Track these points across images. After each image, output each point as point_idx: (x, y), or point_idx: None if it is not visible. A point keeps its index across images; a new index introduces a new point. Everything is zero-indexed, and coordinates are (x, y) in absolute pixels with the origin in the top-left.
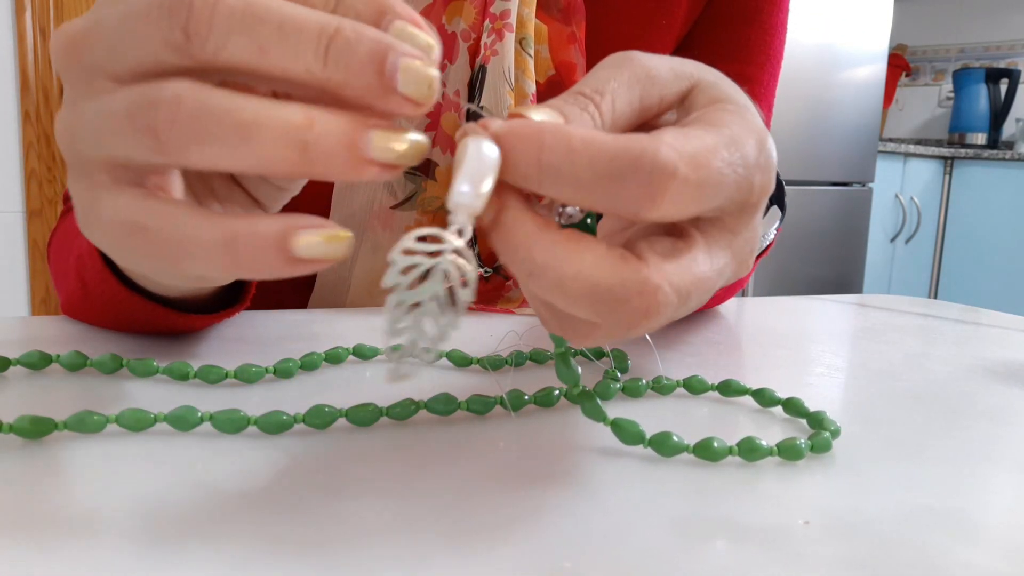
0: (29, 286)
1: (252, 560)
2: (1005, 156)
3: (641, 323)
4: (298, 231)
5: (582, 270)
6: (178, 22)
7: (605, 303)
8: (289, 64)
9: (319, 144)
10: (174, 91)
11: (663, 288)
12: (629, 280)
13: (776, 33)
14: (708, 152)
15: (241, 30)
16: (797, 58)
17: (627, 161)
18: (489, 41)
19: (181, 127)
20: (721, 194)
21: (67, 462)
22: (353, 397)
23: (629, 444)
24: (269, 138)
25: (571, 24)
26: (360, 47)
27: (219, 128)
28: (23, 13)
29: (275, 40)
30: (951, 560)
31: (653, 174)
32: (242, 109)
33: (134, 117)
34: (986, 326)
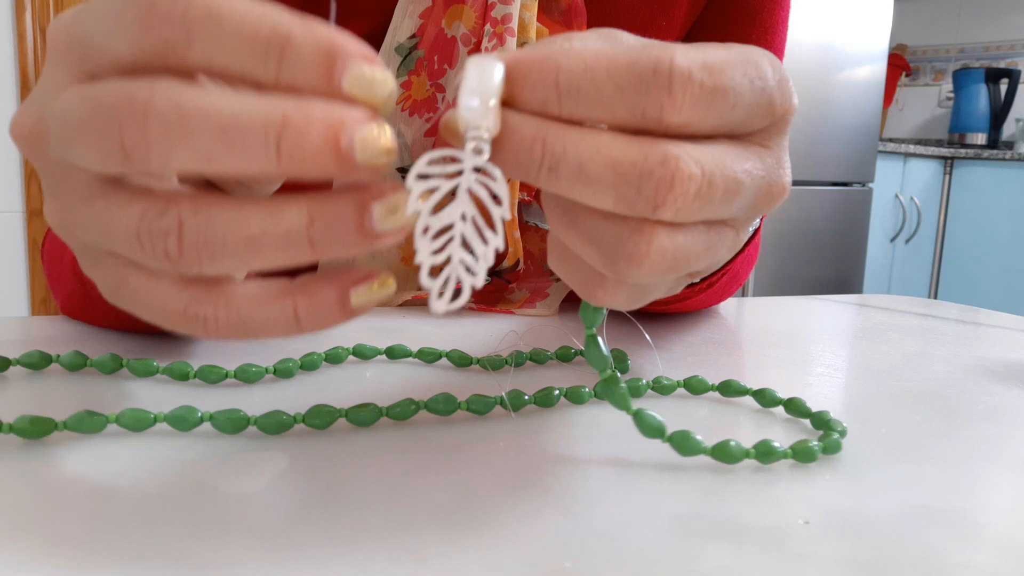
0: (29, 286)
1: (252, 560)
2: (1005, 156)
3: (667, 198)
4: (354, 289)
5: (600, 148)
6: (113, 140)
7: (629, 179)
8: (241, 166)
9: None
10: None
11: (683, 156)
12: (650, 151)
13: (777, 32)
14: (722, 62)
15: (180, 141)
16: (797, 58)
17: (645, 66)
18: (490, 46)
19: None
20: (739, 105)
21: (67, 462)
22: (353, 397)
23: (648, 436)
24: (277, 244)
25: (572, 27)
26: (311, 135)
27: (227, 246)
28: (23, 13)
29: (220, 147)
30: (951, 560)
31: (673, 77)
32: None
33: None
34: (986, 326)
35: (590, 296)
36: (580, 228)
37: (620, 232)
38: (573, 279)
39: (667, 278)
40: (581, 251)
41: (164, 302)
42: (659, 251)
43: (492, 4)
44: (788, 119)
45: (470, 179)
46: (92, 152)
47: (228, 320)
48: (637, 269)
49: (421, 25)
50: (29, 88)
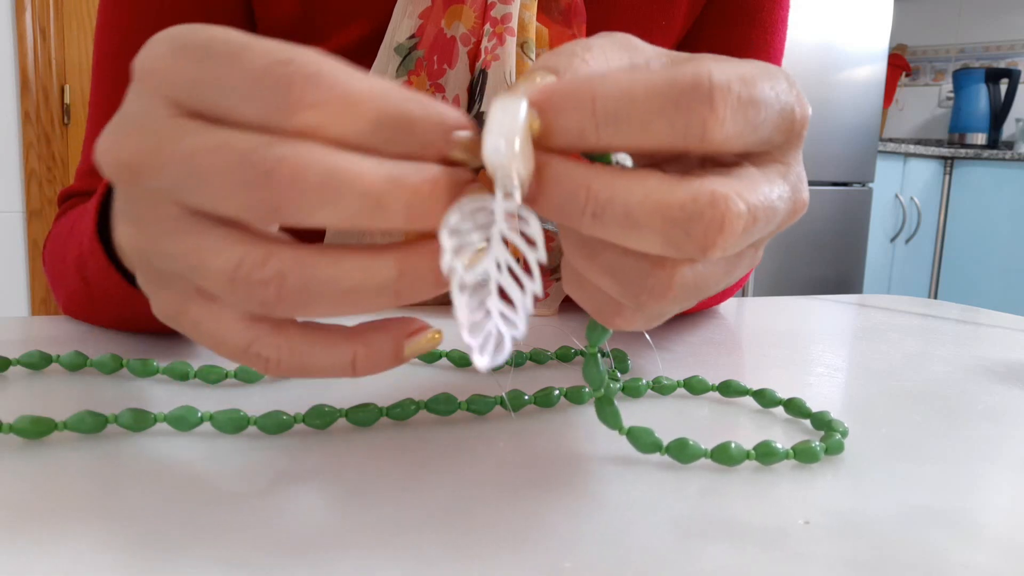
0: (29, 286)
1: (252, 560)
2: (1005, 156)
3: (717, 240)
4: (408, 341)
5: (649, 193)
6: (266, 198)
7: (677, 223)
8: (378, 225)
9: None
10: (278, 269)
11: (732, 197)
12: (699, 192)
13: (776, 31)
14: (751, 75)
15: (330, 203)
16: (797, 58)
17: (685, 83)
18: (490, 45)
19: (288, 300)
20: (769, 119)
21: (67, 462)
22: (353, 397)
23: (645, 452)
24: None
25: (572, 26)
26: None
27: (323, 298)
28: (23, 13)
29: (363, 209)
30: (951, 560)
31: (714, 90)
32: (343, 278)
33: (239, 285)
34: (986, 326)
35: (607, 322)
36: (600, 261)
37: (642, 267)
38: (590, 305)
39: (686, 306)
40: (600, 283)
41: (227, 336)
42: (682, 285)
43: (491, 4)
44: (804, 133)
45: (502, 226)
46: (234, 203)
47: (289, 363)
48: (659, 302)
49: (420, 25)
50: (29, 88)
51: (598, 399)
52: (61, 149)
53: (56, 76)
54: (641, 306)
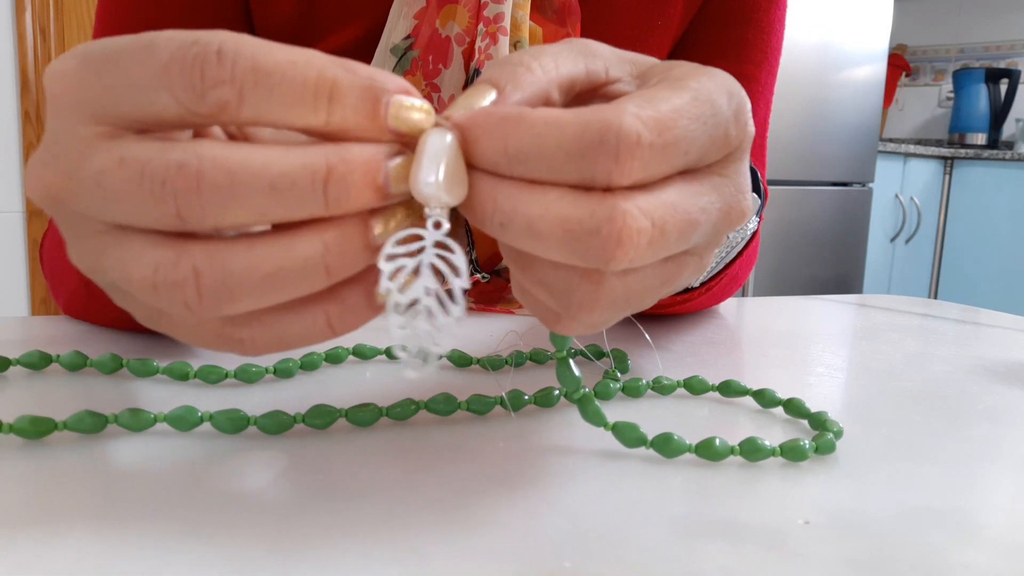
0: (29, 286)
1: (252, 560)
2: (1005, 156)
3: (616, 253)
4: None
5: (549, 207)
6: (169, 210)
7: (577, 238)
8: (293, 214)
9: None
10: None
11: (632, 211)
12: (597, 209)
13: (773, 31)
14: (673, 113)
15: (235, 204)
16: (797, 58)
17: (593, 135)
18: (484, 45)
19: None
20: (693, 149)
21: (67, 462)
22: (353, 397)
23: (631, 447)
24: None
25: (566, 25)
26: (354, 176)
27: (244, 287)
28: (23, 13)
29: (272, 202)
30: (951, 560)
31: (620, 145)
32: (262, 263)
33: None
34: (986, 326)
35: (550, 327)
36: (533, 273)
37: (570, 279)
38: (534, 312)
39: (624, 314)
40: (536, 293)
41: (199, 329)
42: (609, 296)
43: (485, 3)
44: (746, 147)
45: (431, 255)
46: (144, 216)
47: (264, 338)
48: (589, 314)
49: (416, 26)
50: (29, 88)
51: (579, 400)
52: None
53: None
54: (572, 316)
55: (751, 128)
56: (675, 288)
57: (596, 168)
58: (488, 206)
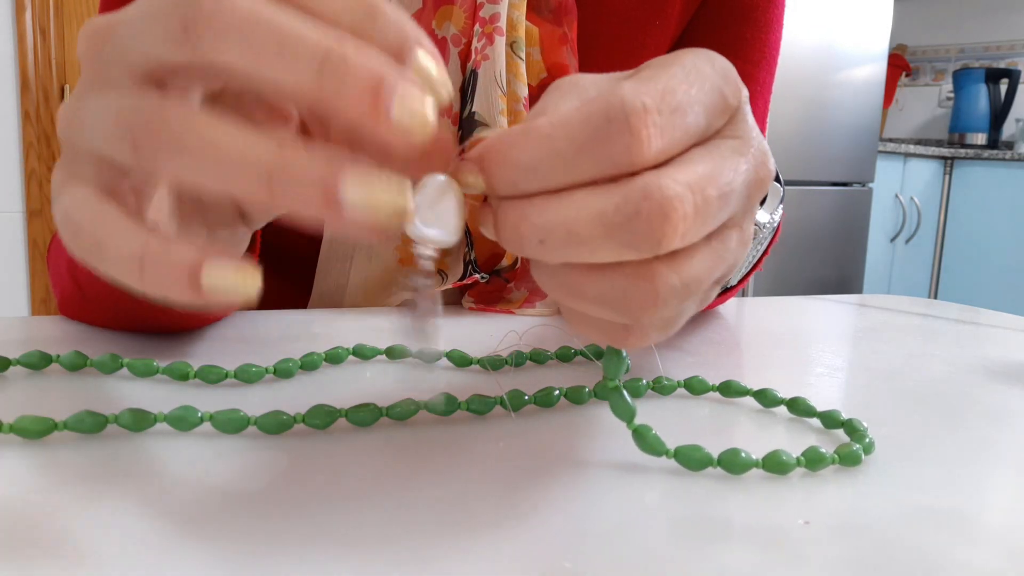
0: (29, 286)
1: (252, 560)
2: (1005, 156)
3: (665, 229)
4: (209, 263)
5: (582, 207)
6: (180, 18)
7: (620, 227)
8: (282, 75)
9: (289, 183)
10: (160, 104)
11: (666, 183)
12: (629, 191)
13: (772, 30)
14: (669, 82)
15: (239, 35)
16: (797, 58)
17: (599, 118)
18: (480, 46)
19: (156, 140)
20: (698, 114)
21: (67, 462)
22: (353, 397)
23: (696, 470)
24: (237, 166)
25: (562, 25)
26: (360, 67)
27: (190, 149)
28: (23, 13)
29: (272, 50)
30: (951, 560)
31: (629, 117)
32: (216, 131)
33: (119, 120)
34: (986, 326)
35: (623, 344)
36: (584, 294)
37: (622, 283)
38: (599, 336)
39: (692, 301)
40: (593, 313)
41: (66, 202)
42: (667, 288)
43: (480, 4)
44: (744, 108)
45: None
46: (156, 33)
47: (87, 232)
48: (654, 311)
49: None
50: (29, 88)
51: (635, 430)
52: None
53: (56, 76)
54: (639, 320)
55: (744, 89)
56: (724, 272)
57: (614, 148)
58: (522, 228)
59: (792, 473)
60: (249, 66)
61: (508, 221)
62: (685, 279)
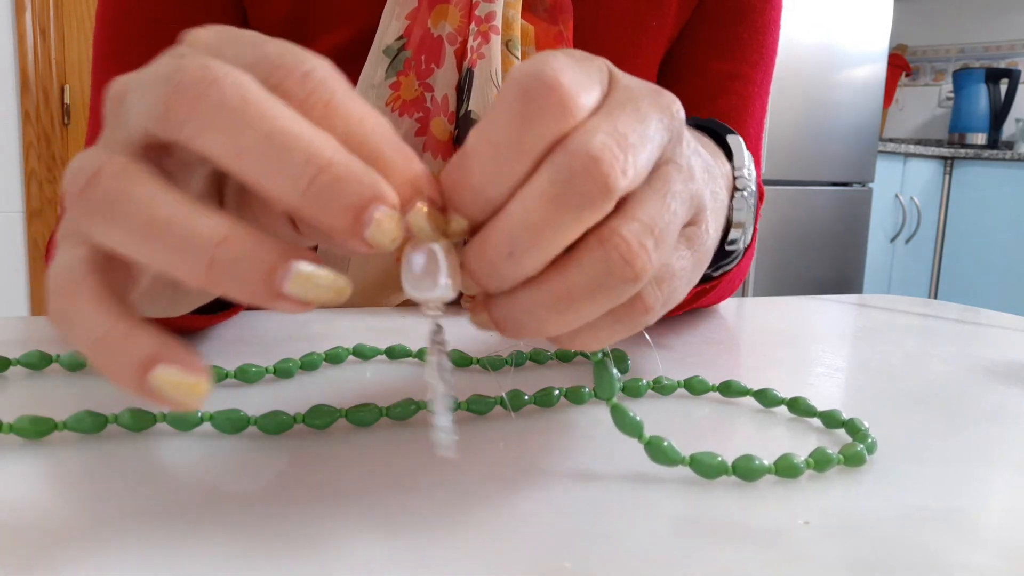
0: (29, 286)
1: (252, 560)
2: (1005, 156)
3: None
4: (160, 365)
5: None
6: (164, 94)
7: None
8: (265, 178)
9: (226, 267)
10: (98, 165)
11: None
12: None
13: (769, 31)
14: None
15: (222, 127)
16: (797, 58)
17: (518, 94)
18: (475, 44)
19: (94, 200)
20: (590, 78)
21: (67, 462)
22: (353, 397)
23: (711, 477)
24: (175, 243)
25: (558, 24)
26: (345, 187)
27: (128, 217)
28: (23, 13)
29: (258, 149)
30: (951, 560)
31: (542, 76)
32: (160, 205)
33: (68, 172)
34: (986, 326)
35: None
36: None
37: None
38: (618, 329)
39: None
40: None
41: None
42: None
43: (476, 3)
44: (617, 74)
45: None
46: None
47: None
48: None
49: (408, 26)
50: (29, 88)
51: (648, 443)
52: (61, 149)
53: (56, 76)
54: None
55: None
56: (689, 209)
57: (543, 113)
58: (488, 253)
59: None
60: (228, 161)
61: (474, 255)
62: (645, 219)
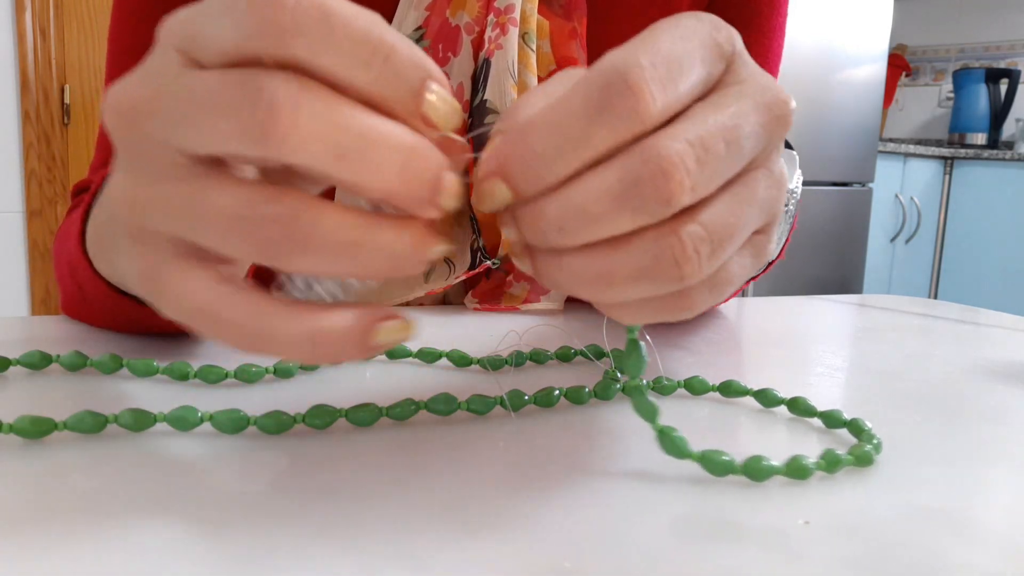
0: (29, 286)
1: (252, 560)
2: (1005, 156)
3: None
4: (378, 325)
5: (590, 186)
6: (257, 118)
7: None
8: (363, 178)
9: (405, 255)
10: (291, 207)
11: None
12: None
13: (775, 36)
14: (660, 41)
15: (323, 135)
16: (797, 58)
17: (599, 87)
18: (493, 35)
19: (296, 242)
20: (695, 64)
21: (67, 462)
22: (353, 397)
23: (719, 475)
24: (369, 255)
25: (572, 19)
26: (430, 167)
27: (325, 246)
28: (23, 13)
29: (356, 151)
30: (951, 560)
31: (627, 77)
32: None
33: (245, 224)
34: (986, 326)
35: (679, 313)
36: (617, 277)
37: (650, 249)
38: (653, 314)
39: (732, 251)
40: (637, 294)
41: (189, 295)
42: (694, 238)
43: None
44: (740, 51)
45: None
46: (227, 129)
47: (245, 325)
48: (690, 266)
49: (427, 17)
50: (29, 88)
51: (660, 431)
52: (61, 149)
53: (56, 76)
54: (681, 280)
55: (736, 34)
56: (766, 216)
57: (620, 113)
58: (540, 223)
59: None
60: (330, 168)
61: (527, 220)
62: (710, 227)
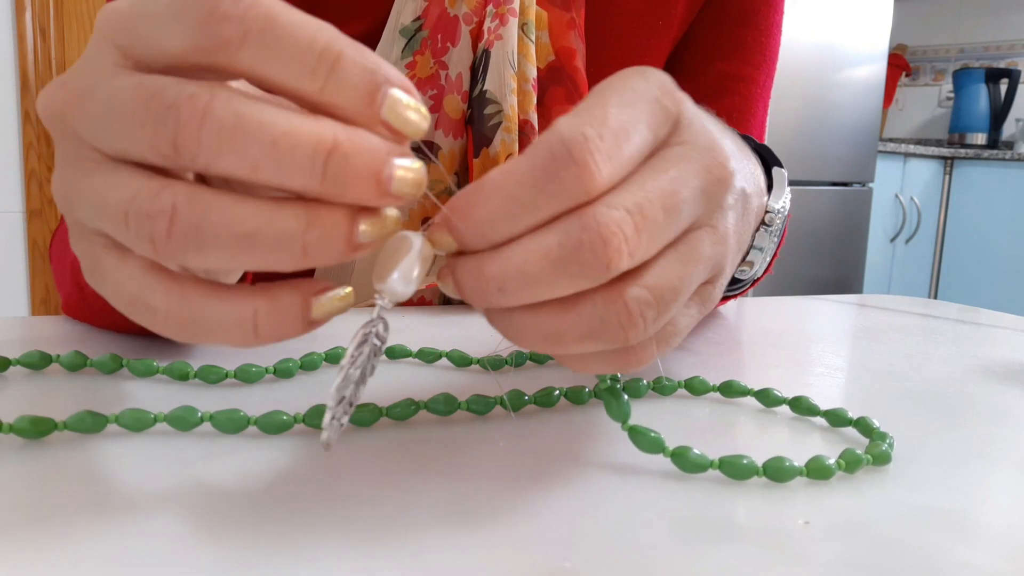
0: (29, 286)
1: (252, 560)
2: (1005, 156)
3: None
4: (316, 298)
5: (530, 248)
6: (166, 134)
7: (566, 262)
8: (284, 180)
9: (317, 245)
10: (170, 202)
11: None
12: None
13: (772, 33)
14: (602, 108)
15: (231, 147)
16: (797, 58)
17: (544, 157)
18: (493, 26)
19: (178, 238)
20: (635, 130)
21: (67, 462)
22: None
23: (741, 479)
24: (270, 245)
25: (571, 10)
26: (357, 162)
27: (218, 240)
28: (23, 13)
29: (268, 157)
30: (951, 560)
31: (572, 150)
32: (242, 220)
33: (130, 219)
34: (986, 326)
35: (629, 367)
36: (566, 337)
37: (595, 312)
38: (605, 367)
39: (677, 307)
40: (586, 349)
41: (122, 283)
42: (638, 301)
43: None
44: (686, 112)
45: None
46: (138, 140)
47: (179, 314)
48: (635, 328)
49: (425, 8)
50: (29, 88)
51: (674, 454)
52: None
53: (56, 76)
54: (628, 340)
55: (682, 95)
56: (711, 271)
57: (565, 183)
58: (480, 280)
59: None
60: (247, 174)
61: (466, 276)
62: (655, 289)
